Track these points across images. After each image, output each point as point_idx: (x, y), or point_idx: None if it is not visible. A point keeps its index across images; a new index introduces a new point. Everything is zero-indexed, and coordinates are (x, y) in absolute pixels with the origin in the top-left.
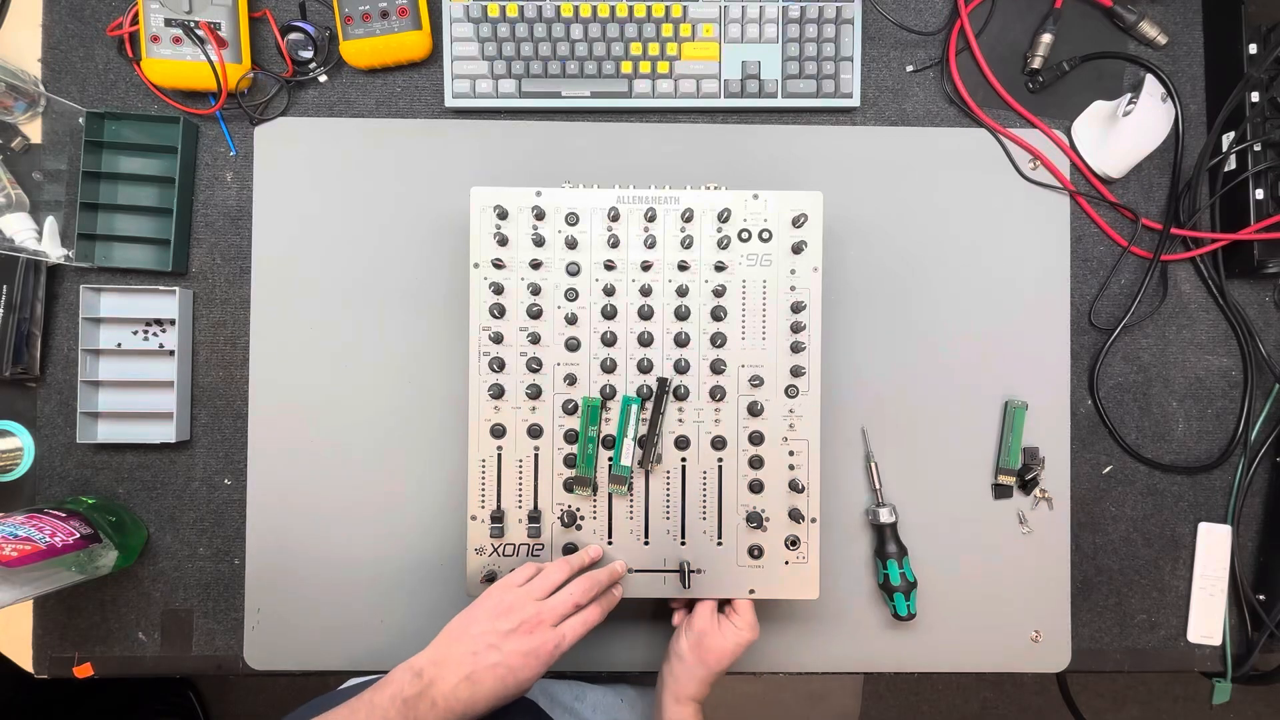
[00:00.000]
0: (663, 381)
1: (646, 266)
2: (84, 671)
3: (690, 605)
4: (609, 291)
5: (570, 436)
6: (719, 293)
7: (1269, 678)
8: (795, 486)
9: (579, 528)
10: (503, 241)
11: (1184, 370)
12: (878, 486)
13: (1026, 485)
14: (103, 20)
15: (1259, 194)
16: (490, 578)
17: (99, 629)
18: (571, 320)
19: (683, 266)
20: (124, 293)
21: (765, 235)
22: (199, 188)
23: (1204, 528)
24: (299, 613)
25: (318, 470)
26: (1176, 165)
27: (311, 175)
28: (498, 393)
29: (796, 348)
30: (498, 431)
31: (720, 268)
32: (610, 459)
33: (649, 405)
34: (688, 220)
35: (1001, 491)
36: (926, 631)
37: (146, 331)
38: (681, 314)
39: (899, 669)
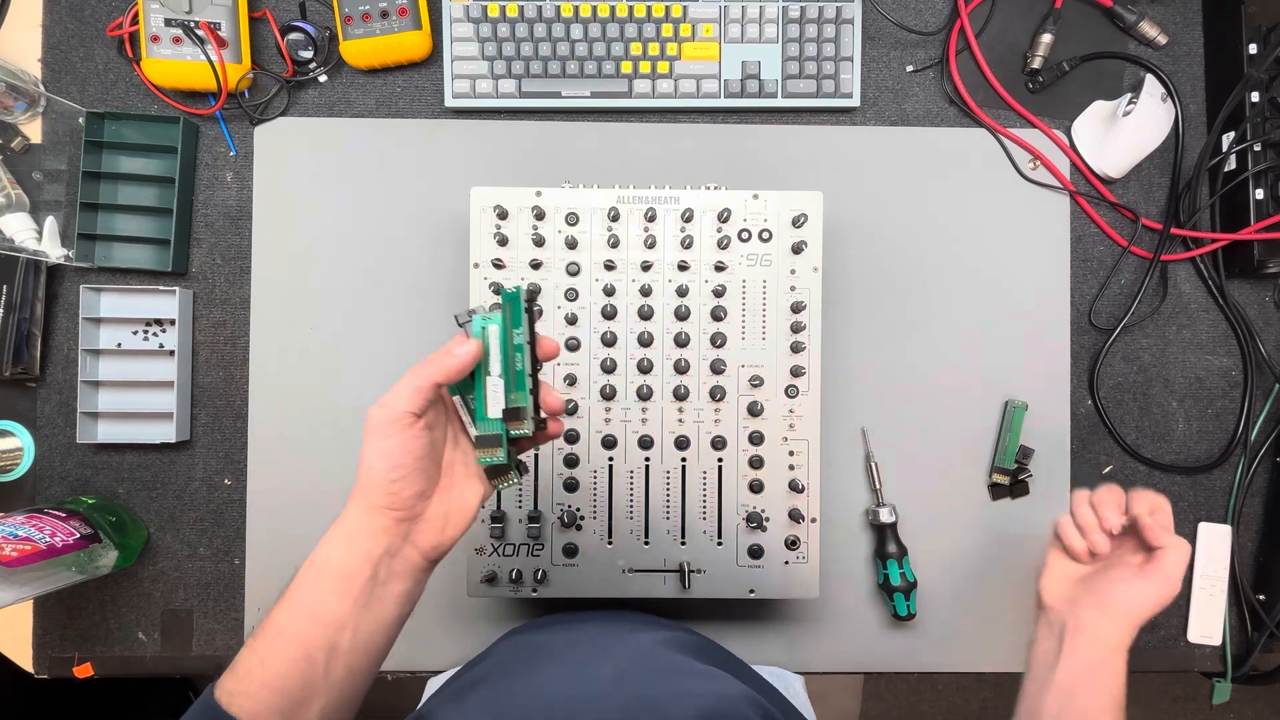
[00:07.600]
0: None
1: (646, 267)
2: (84, 671)
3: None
4: (609, 292)
5: (571, 437)
6: (719, 293)
7: (1269, 678)
8: (795, 486)
9: (579, 528)
10: (503, 241)
11: (1184, 370)
12: (878, 486)
13: (1015, 487)
14: (103, 20)
15: (1259, 194)
16: (490, 578)
17: (99, 629)
18: (571, 320)
19: (683, 267)
20: (124, 293)
21: (765, 235)
22: (199, 188)
23: (1204, 528)
24: None
25: (318, 470)
26: (1176, 165)
27: (311, 175)
28: None
29: (796, 348)
30: None
31: (720, 268)
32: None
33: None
34: (688, 220)
35: (997, 491)
36: (926, 631)
37: (146, 331)
38: (681, 314)
39: (899, 669)
